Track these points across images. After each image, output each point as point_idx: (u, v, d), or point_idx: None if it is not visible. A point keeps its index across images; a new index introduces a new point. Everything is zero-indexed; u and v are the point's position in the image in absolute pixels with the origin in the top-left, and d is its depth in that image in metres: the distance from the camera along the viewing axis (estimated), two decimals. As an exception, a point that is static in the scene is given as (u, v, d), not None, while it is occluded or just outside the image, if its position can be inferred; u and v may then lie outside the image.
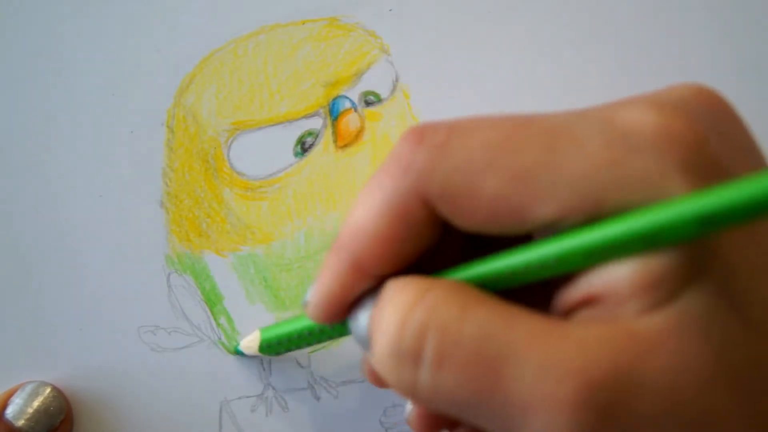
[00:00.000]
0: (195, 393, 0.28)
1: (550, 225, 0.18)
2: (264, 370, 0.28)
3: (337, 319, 0.21)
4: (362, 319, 0.20)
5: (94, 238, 0.29)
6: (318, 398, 0.28)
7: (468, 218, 0.19)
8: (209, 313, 0.28)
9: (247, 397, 0.28)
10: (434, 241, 0.20)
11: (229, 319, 0.28)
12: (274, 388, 0.28)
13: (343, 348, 0.28)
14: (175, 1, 0.30)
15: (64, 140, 0.29)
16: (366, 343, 0.20)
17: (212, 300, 0.28)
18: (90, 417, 0.28)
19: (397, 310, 0.19)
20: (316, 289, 0.21)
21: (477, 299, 0.18)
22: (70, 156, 0.29)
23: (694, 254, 0.17)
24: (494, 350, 0.17)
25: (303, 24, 0.30)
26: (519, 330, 0.17)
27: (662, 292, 0.17)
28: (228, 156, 0.29)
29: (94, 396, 0.28)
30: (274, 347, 0.26)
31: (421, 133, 0.19)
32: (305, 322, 0.24)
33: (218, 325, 0.28)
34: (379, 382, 0.23)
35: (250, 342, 0.27)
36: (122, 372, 0.28)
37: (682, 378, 0.17)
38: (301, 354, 0.28)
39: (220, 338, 0.28)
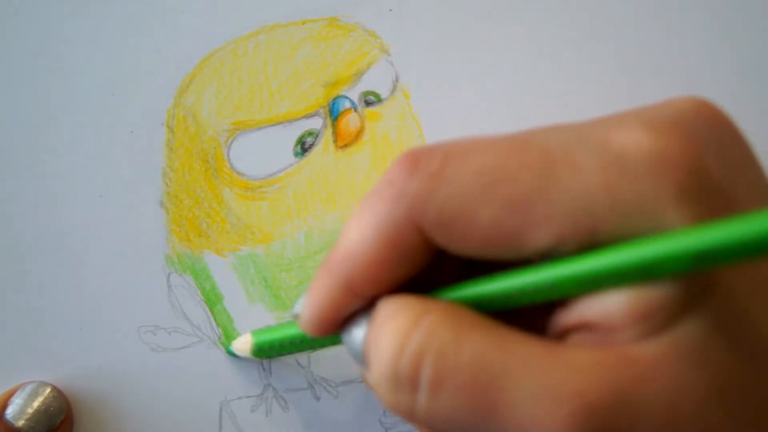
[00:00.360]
0: (195, 393, 0.28)
1: (546, 252, 0.18)
2: (264, 370, 0.28)
3: (329, 333, 0.21)
4: (357, 336, 0.20)
5: (94, 238, 0.29)
6: (318, 398, 0.28)
7: (463, 246, 0.19)
8: (209, 313, 0.28)
9: (247, 397, 0.28)
10: (428, 264, 0.20)
11: (229, 319, 0.28)
12: (274, 388, 0.28)
13: (343, 348, 0.28)
14: (175, 1, 0.30)
15: (64, 140, 0.29)
16: (361, 360, 0.20)
17: (212, 300, 0.28)
18: (90, 417, 0.28)
19: (394, 335, 0.19)
20: (308, 305, 0.21)
21: (472, 323, 0.18)
22: (70, 156, 0.29)
23: (692, 284, 0.17)
24: (490, 375, 0.17)
25: (303, 24, 0.30)
26: (514, 354, 0.17)
27: (657, 321, 0.17)
28: (228, 156, 0.29)
29: (94, 396, 0.28)
30: (266, 352, 0.26)
31: (416, 160, 0.19)
32: (297, 329, 0.24)
33: (218, 324, 0.28)
34: None
35: (242, 345, 0.27)
36: (122, 372, 0.28)
37: (677, 404, 0.17)
38: (301, 354, 0.28)
39: (220, 338, 0.28)
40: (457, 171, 0.18)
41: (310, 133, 0.29)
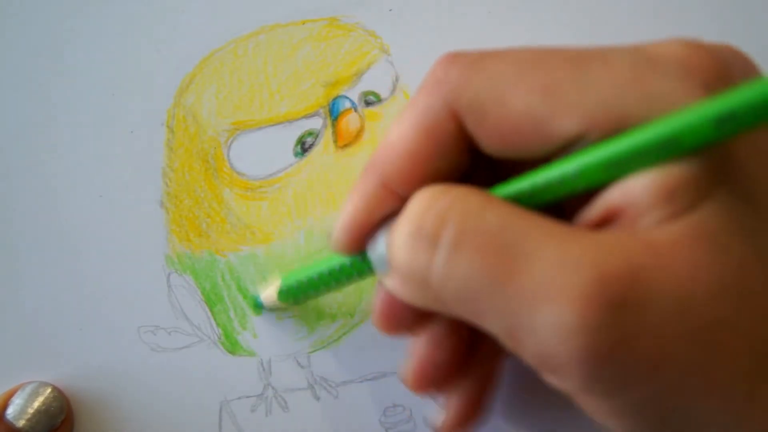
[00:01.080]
0: (195, 393, 0.28)
1: (573, 142, 0.18)
2: (264, 370, 0.28)
3: (360, 245, 0.22)
4: (382, 240, 0.21)
5: (94, 238, 0.29)
6: (318, 398, 0.28)
7: (494, 134, 0.19)
8: (209, 313, 0.28)
9: (247, 397, 0.28)
10: (461, 167, 0.21)
11: (229, 319, 0.28)
12: (274, 388, 0.28)
13: (343, 348, 0.28)
14: (175, 1, 0.30)
15: (64, 140, 0.29)
16: (384, 262, 0.20)
17: (212, 300, 0.28)
18: (90, 417, 0.28)
19: (422, 200, 0.19)
20: (343, 213, 0.21)
21: (498, 199, 0.19)
22: (70, 156, 0.29)
23: (714, 165, 0.17)
24: (512, 240, 0.17)
25: (303, 24, 0.30)
26: (537, 226, 0.18)
27: (680, 202, 0.17)
28: (228, 156, 0.29)
29: (95, 396, 0.28)
30: (294, 292, 0.26)
31: (457, 54, 0.20)
32: (326, 263, 0.24)
33: (218, 324, 0.28)
34: (386, 323, 0.23)
35: (270, 291, 0.27)
36: (122, 372, 0.28)
37: (691, 289, 0.17)
38: (301, 354, 0.28)
39: (220, 338, 0.28)
40: (494, 61, 0.19)
41: (310, 133, 0.29)
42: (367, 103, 0.30)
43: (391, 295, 0.22)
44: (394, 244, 0.20)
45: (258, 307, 0.28)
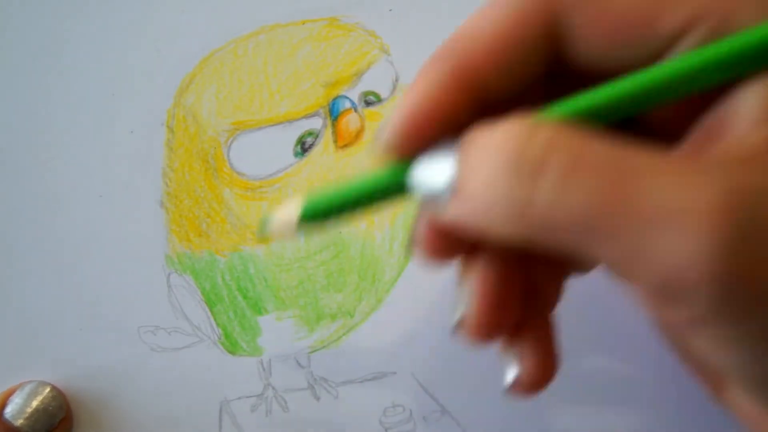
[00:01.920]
0: (195, 393, 0.28)
1: (676, 38, 0.17)
2: (264, 370, 0.28)
3: (416, 147, 0.18)
4: (442, 162, 0.18)
5: (94, 238, 0.29)
6: (318, 398, 0.28)
7: (594, 29, 0.18)
8: (209, 313, 0.28)
9: (247, 397, 0.28)
10: (533, 79, 0.19)
11: (229, 319, 0.28)
12: (274, 388, 0.28)
13: (343, 348, 0.28)
14: (175, 1, 0.30)
15: (64, 140, 0.29)
16: (443, 190, 0.18)
17: (212, 300, 0.28)
18: (90, 417, 0.28)
19: (516, 127, 0.17)
20: (401, 106, 0.18)
21: (601, 135, 0.16)
22: (70, 156, 0.29)
23: None
24: (627, 164, 0.16)
25: (303, 24, 0.30)
26: (650, 150, 0.16)
27: None
28: (228, 156, 0.29)
29: (94, 396, 0.28)
30: (318, 212, 0.21)
31: None
32: (357, 180, 0.20)
33: (218, 324, 0.28)
34: (436, 251, 0.20)
35: (288, 211, 0.21)
36: (122, 372, 0.28)
37: None
38: (301, 354, 0.28)
39: (220, 338, 0.28)
40: None
41: (310, 133, 0.29)
42: (367, 103, 0.30)
43: (440, 223, 0.19)
44: (479, 173, 0.17)
45: (263, 232, 0.23)
